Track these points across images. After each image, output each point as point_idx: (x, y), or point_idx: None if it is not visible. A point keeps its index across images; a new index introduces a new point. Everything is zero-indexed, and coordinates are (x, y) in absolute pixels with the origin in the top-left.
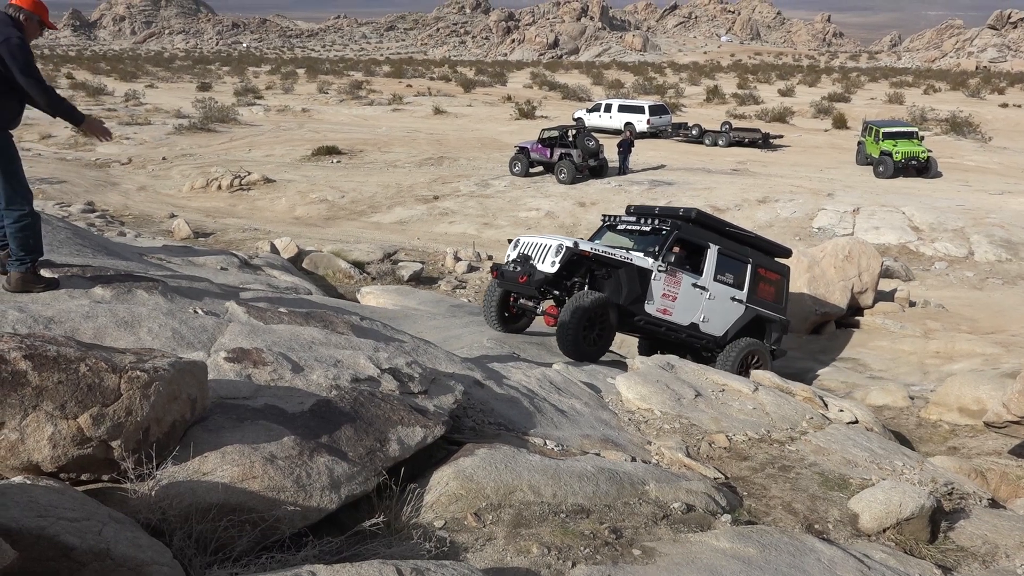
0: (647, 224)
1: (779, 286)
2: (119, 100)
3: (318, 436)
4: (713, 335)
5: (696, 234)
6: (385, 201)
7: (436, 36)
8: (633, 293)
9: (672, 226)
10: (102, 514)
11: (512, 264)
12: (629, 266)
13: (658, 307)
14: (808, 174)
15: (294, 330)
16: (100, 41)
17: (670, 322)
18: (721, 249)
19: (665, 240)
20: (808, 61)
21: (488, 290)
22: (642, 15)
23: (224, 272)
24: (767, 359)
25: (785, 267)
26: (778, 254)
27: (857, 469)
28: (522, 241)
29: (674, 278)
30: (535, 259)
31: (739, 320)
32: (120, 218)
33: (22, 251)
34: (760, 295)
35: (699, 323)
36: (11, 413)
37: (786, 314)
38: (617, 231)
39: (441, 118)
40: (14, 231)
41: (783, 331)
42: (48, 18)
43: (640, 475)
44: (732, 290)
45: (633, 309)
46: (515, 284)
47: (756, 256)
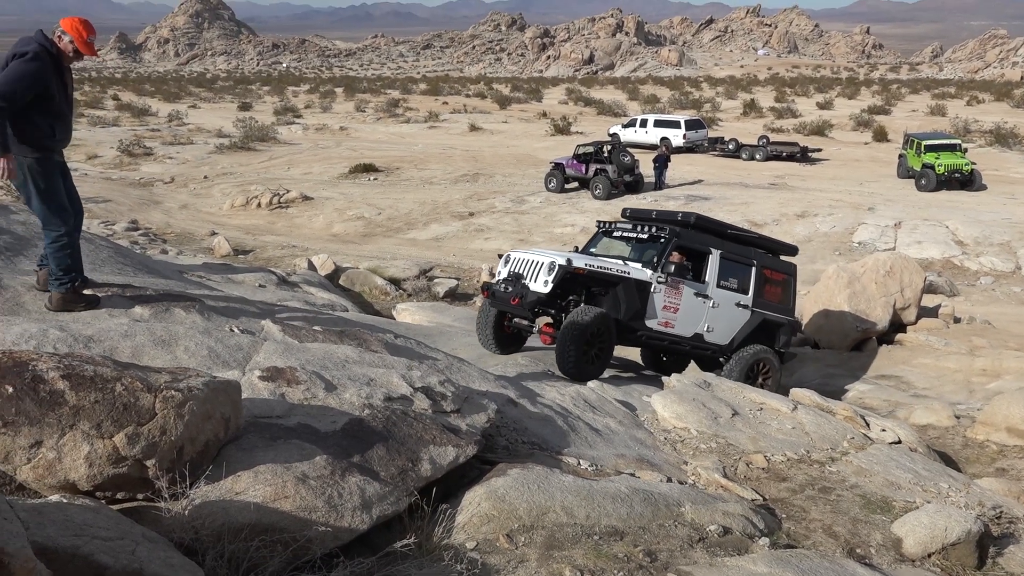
0: (644, 231)
1: (786, 286)
2: (163, 120)
3: (350, 455)
4: (718, 344)
5: (696, 240)
6: (421, 218)
7: (472, 54)
8: (632, 308)
9: (670, 233)
10: (136, 533)
11: (503, 284)
12: (627, 280)
13: (660, 321)
14: (848, 188)
15: (328, 348)
16: (145, 63)
17: (672, 335)
18: (723, 254)
19: (663, 249)
20: (847, 73)
21: (480, 311)
22: (678, 29)
23: (262, 289)
24: (776, 367)
25: (792, 266)
26: (784, 252)
27: (900, 491)
28: (513, 257)
29: (675, 289)
30: (527, 277)
31: (745, 326)
32: (163, 236)
33: (61, 271)
34: (766, 297)
35: (703, 333)
36: (49, 432)
37: (794, 314)
38: (613, 237)
39: (477, 135)
40: (52, 251)
41: (792, 333)
42: (85, 44)
43: (676, 496)
44: (737, 295)
45: (634, 325)
46: (507, 305)
47: (761, 257)
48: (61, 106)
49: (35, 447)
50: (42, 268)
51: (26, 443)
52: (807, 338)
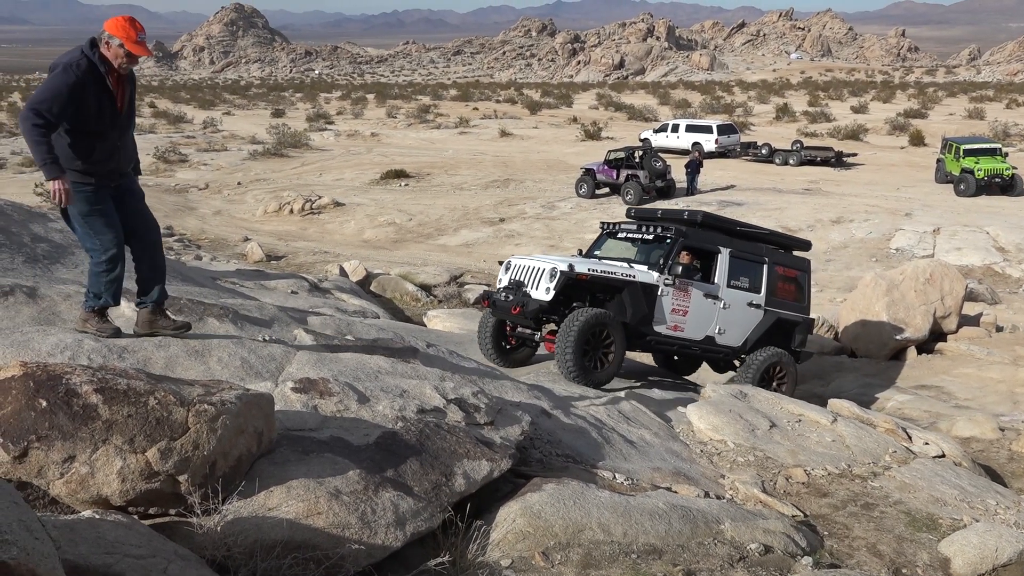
0: (649, 231)
1: (800, 283)
2: (198, 127)
3: (383, 470)
4: (731, 346)
5: (704, 239)
6: (451, 224)
7: (502, 59)
8: (640, 313)
9: (676, 233)
10: (168, 551)
11: (504, 292)
12: (632, 284)
13: (668, 325)
14: (884, 193)
15: (360, 359)
16: (181, 71)
17: (683, 339)
18: (733, 252)
19: (670, 250)
20: (882, 77)
21: (481, 321)
22: (709, 34)
23: (294, 296)
24: (792, 370)
25: (805, 261)
26: (796, 248)
27: (946, 508)
28: (514, 264)
29: (683, 291)
30: (528, 285)
31: (759, 327)
32: (197, 242)
33: (93, 292)
34: (780, 296)
35: (714, 335)
36: (82, 447)
37: (810, 312)
38: (618, 239)
39: (507, 140)
40: (91, 271)
41: (808, 331)
42: (136, 44)
43: (715, 513)
44: (748, 295)
45: (642, 330)
46: (508, 315)
47: (772, 254)
48: (101, 123)
49: (68, 462)
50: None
51: (59, 458)
52: (844, 347)
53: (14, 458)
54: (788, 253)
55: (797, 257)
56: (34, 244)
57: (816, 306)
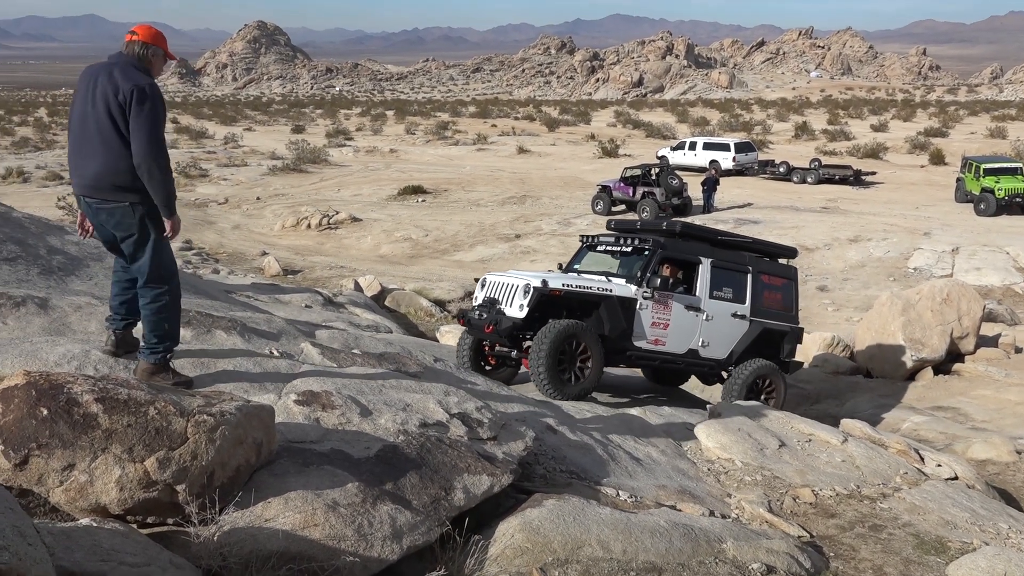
0: (628, 243)
1: (787, 291)
2: (219, 143)
3: (383, 483)
4: (715, 359)
5: (684, 249)
6: (467, 240)
7: (521, 77)
8: (618, 328)
9: (654, 244)
10: (163, 560)
11: (478, 310)
12: (609, 299)
13: (649, 339)
14: (903, 212)
15: (366, 372)
16: (204, 87)
17: (664, 353)
18: (715, 262)
19: (648, 262)
20: (903, 95)
21: (459, 340)
22: (728, 52)
23: (308, 310)
24: (781, 381)
25: (792, 269)
26: (782, 255)
27: (957, 531)
28: (489, 281)
29: (663, 304)
30: (502, 302)
31: (744, 338)
32: (215, 255)
33: (155, 338)
34: (766, 305)
35: (698, 349)
36: (81, 455)
37: (798, 320)
38: (597, 252)
39: (525, 157)
40: (149, 313)
41: (797, 341)
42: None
43: (717, 532)
44: (732, 305)
45: (622, 345)
46: (482, 333)
47: (756, 263)
48: None
49: (68, 470)
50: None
51: (59, 466)
52: (860, 367)
53: (15, 465)
54: (773, 261)
55: (783, 265)
56: (50, 256)
57: (832, 325)
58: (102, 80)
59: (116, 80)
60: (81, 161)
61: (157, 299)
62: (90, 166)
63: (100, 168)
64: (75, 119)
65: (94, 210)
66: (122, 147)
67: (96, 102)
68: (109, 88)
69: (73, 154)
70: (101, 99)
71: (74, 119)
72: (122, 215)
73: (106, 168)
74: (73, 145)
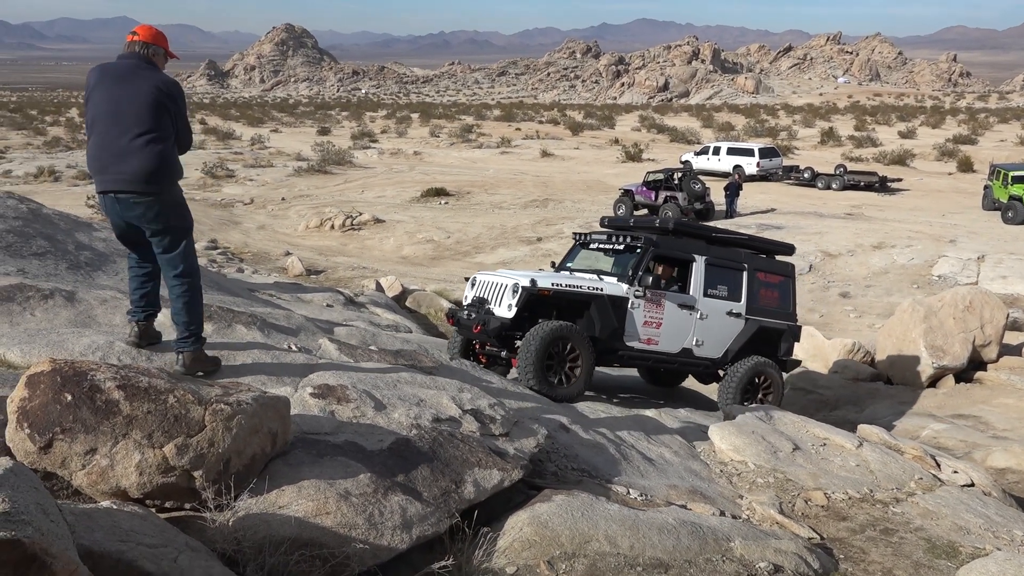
0: (620, 241)
1: (784, 289)
2: (245, 144)
3: (394, 475)
4: (710, 358)
5: (676, 247)
6: (489, 242)
7: (546, 81)
8: (609, 327)
9: (646, 242)
10: (179, 542)
11: (467, 309)
12: (600, 298)
13: (641, 338)
14: (929, 219)
15: (381, 368)
16: (232, 89)
17: (657, 353)
18: (709, 259)
19: (639, 260)
20: (932, 102)
21: (450, 341)
22: (755, 57)
23: (329, 309)
24: (777, 379)
25: (789, 266)
26: (779, 252)
27: (969, 537)
28: (478, 280)
29: (656, 303)
30: (491, 301)
31: (740, 336)
32: (239, 255)
33: (196, 325)
34: (762, 303)
35: (692, 348)
36: (103, 440)
37: (796, 319)
38: (590, 250)
39: (548, 161)
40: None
41: (795, 339)
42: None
43: (725, 530)
44: (727, 303)
45: (613, 345)
46: (470, 333)
47: (752, 260)
48: None
49: (90, 454)
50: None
51: (81, 450)
52: (880, 373)
53: (40, 449)
54: (770, 258)
55: (780, 262)
56: (77, 252)
57: (855, 332)
58: (134, 79)
59: (150, 79)
60: (116, 158)
61: (191, 287)
62: (132, 162)
63: (145, 163)
64: (103, 117)
65: (128, 205)
66: (163, 141)
67: (132, 100)
68: (144, 86)
69: (103, 151)
70: (137, 97)
71: (101, 117)
72: (163, 208)
73: (153, 162)
74: (103, 143)
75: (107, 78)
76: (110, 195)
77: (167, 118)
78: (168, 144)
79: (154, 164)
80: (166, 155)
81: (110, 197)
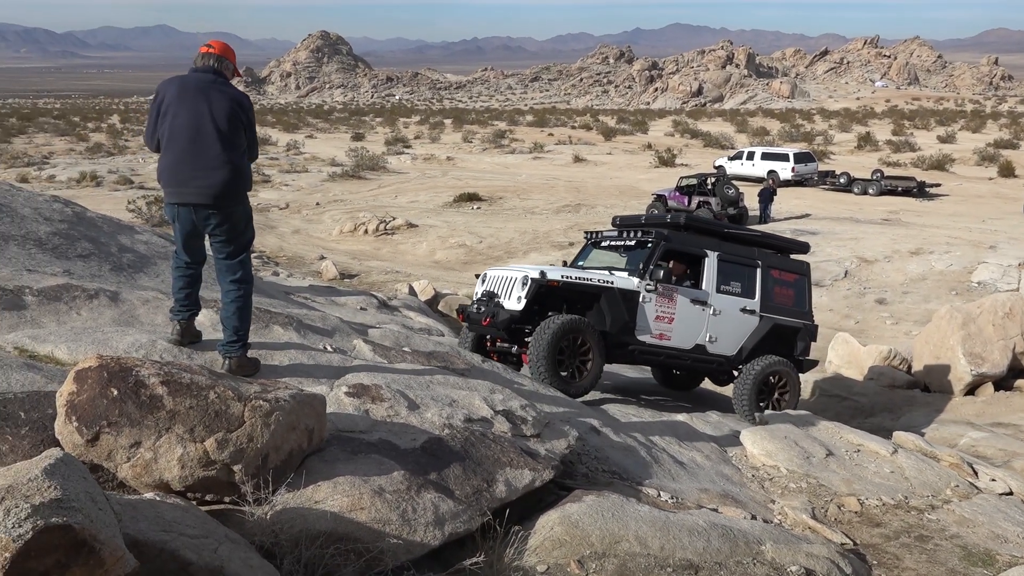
0: (631, 237)
1: (799, 287)
2: (281, 150)
3: (427, 473)
4: (724, 355)
5: (689, 242)
6: (521, 247)
7: (579, 86)
8: (620, 321)
9: (657, 236)
10: (219, 533)
11: (477, 304)
12: (610, 291)
13: (653, 333)
14: (968, 225)
15: (414, 368)
16: (268, 95)
17: (669, 348)
18: (721, 255)
19: (650, 254)
20: (972, 106)
21: (461, 336)
22: (790, 61)
23: (363, 312)
24: (794, 379)
25: (804, 264)
26: (794, 250)
27: (1007, 545)
28: (489, 275)
29: (668, 297)
30: (501, 295)
31: (754, 334)
32: (275, 259)
33: (245, 331)
34: (777, 301)
35: (705, 344)
36: (147, 434)
37: (812, 318)
38: (601, 248)
39: (580, 166)
40: (239, 306)
41: (811, 338)
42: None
43: (757, 534)
44: (741, 300)
45: (624, 339)
46: (480, 327)
47: (766, 257)
48: None
49: (134, 447)
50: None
51: (126, 443)
52: (917, 381)
53: (87, 441)
54: (785, 256)
55: (795, 260)
56: (120, 254)
57: (891, 339)
58: (216, 94)
59: (232, 94)
60: (198, 172)
61: (246, 294)
62: (216, 176)
63: (228, 177)
64: (183, 131)
65: (204, 215)
66: (241, 156)
67: (215, 116)
68: (225, 102)
69: (183, 164)
70: (222, 113)
71: (181, 131)
72: (237, 219)
73: (234, 177)
74: (183, 157)
75: (187, 92)
76: (187, 207)
77: (242, 132)
78: (244, 158)
79: (234, 179)
80: (243, 169)
81: (187, 208)
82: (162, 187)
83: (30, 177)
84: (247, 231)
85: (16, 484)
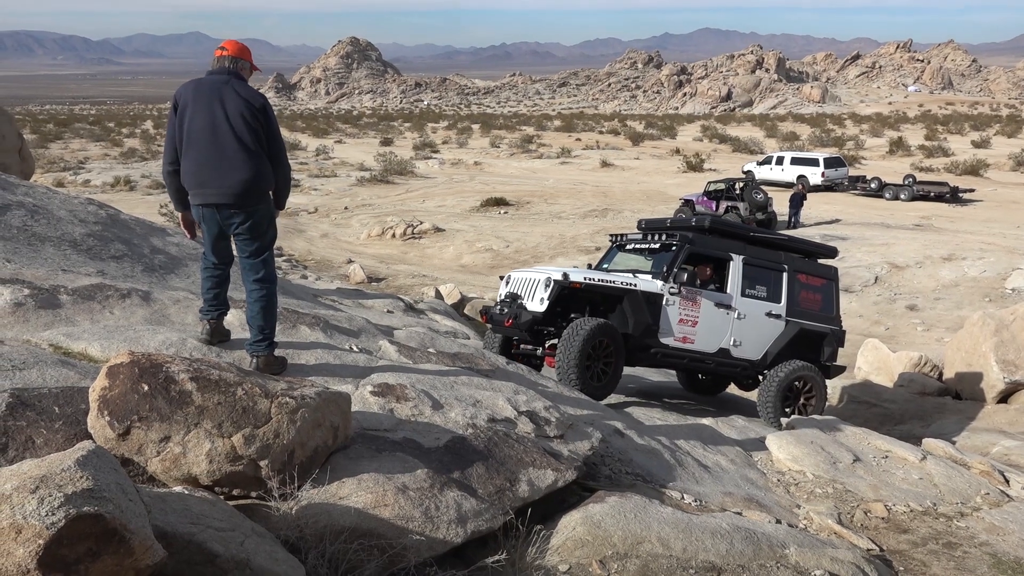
0: (655, 240)
1: (826, 292)
2: (311, 155)
3: (450, 471)
4: (749, 359)
5: (713, 245)
6: (548, 251)
7: (607, 91)
8: (643, 324)
9: (681, 239)
10: (246, 527)
11: (499, 305)
12: (633, 293)
13: (676, 336)
14: (1003, 231)
15: (439, 369)
16: (298, 101)
17: (693, 351)
18: (747, 259)
19: (675, 257)
20: (1008, 110)
21: (486, 339)
22: (821, 66)
23: (389, 315)
24: (819, 384)
25: (832, 269)
26: (821, 255)
27: None
28: (513, 277)
29: (691, 301)
30: (524, 297)
31: (780, 338)
32: (303, 262)
33: (270, 329)
34: (804, 305)
35: (729, 348)
36: (176, 429)
37: (839, 323)
38: (627, 251)
39: (608, 171)
40: (264, 305)
41: (838, 344)
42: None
43: (780, 537)
44: (766, 304)
45: (646, 342)
46: (503, 328)
47: (793, 261)
48: None
49: (164, 441)
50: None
51: (156, 437)
52: (948, 388)
53: (118, 435)
54: (812, 260)
55: (822, 265)
56: (152, 255)
57: (923, 345)
58: (229, 95)
59: (244, 95)
60: (219, 173)
61: (269, 293)
62: (235, 176)
63: (247, 176)
64: (202, 133)
65: (227, 215)
66: (261, 155)
67: (229, 116)
68: (241, 103)
69: (203, 167)
70: (235, 113)
71: (199, 133)
72: (259, 218)
73: (253, 176)
74: (202, 158)
75: (202, 94)
76: (210, 207)
77: (260, 131)
78: (263, 158)
79: (253, 177)
80: (262, 168)
81: (210, 209)
82: (187, 190)
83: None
84: (269, 230)
85: (50, 474)
